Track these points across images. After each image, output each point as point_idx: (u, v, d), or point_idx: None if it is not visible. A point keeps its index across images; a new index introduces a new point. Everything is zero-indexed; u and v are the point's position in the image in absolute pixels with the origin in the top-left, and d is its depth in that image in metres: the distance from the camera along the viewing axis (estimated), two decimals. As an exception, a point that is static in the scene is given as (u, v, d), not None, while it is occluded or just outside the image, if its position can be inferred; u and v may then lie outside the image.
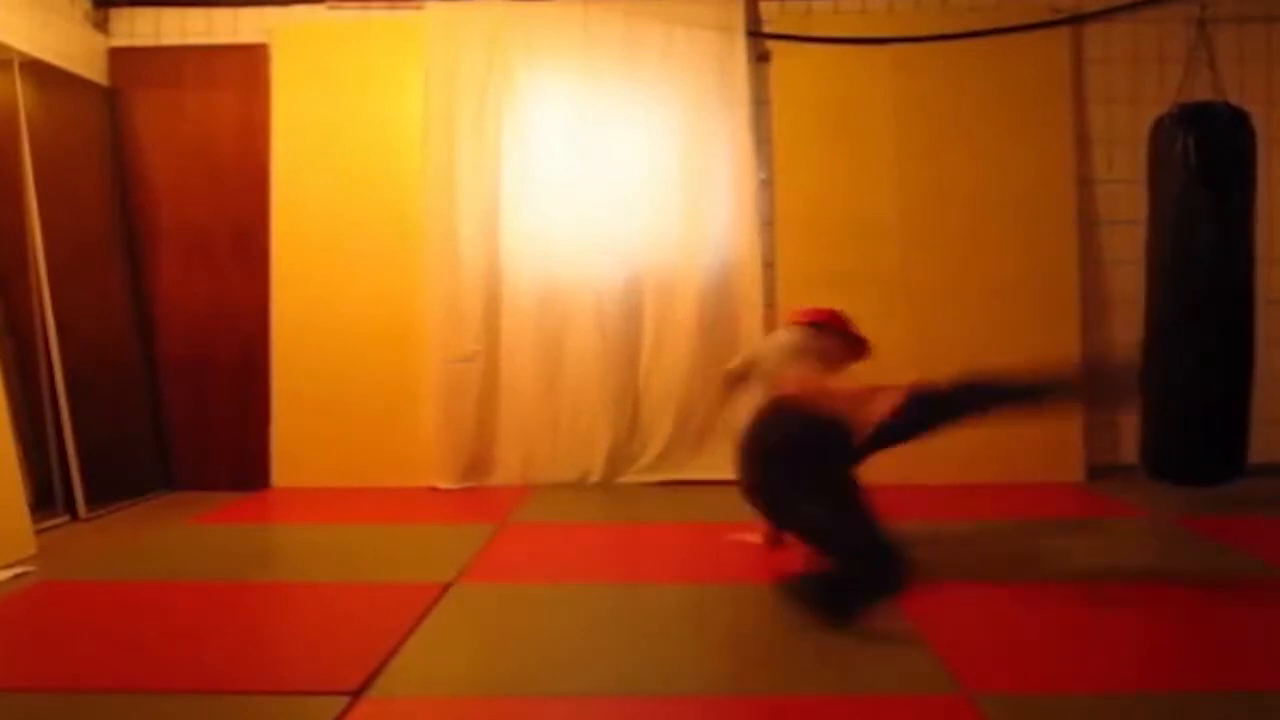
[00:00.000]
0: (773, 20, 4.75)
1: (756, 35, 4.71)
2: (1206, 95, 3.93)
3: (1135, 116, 4.45)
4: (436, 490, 4.57)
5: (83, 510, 4.03)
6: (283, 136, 4.71)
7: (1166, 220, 3.89)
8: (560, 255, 4.64)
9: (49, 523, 3.85)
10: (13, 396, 3.81)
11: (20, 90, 4.03)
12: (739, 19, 4.65)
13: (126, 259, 4.66)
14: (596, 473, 4.65)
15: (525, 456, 4.67)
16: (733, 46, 4.64)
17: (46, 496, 4.04)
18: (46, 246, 4.06)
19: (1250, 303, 3.83)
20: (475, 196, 4.63)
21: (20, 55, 4.05)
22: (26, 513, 3.52)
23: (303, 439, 4.65)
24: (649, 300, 4.69)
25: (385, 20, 4.75)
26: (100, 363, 4.37)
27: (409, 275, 4.65)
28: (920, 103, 4.65)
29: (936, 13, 4.73)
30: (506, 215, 4.64)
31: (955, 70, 4.65)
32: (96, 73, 4.64)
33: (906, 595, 2.61)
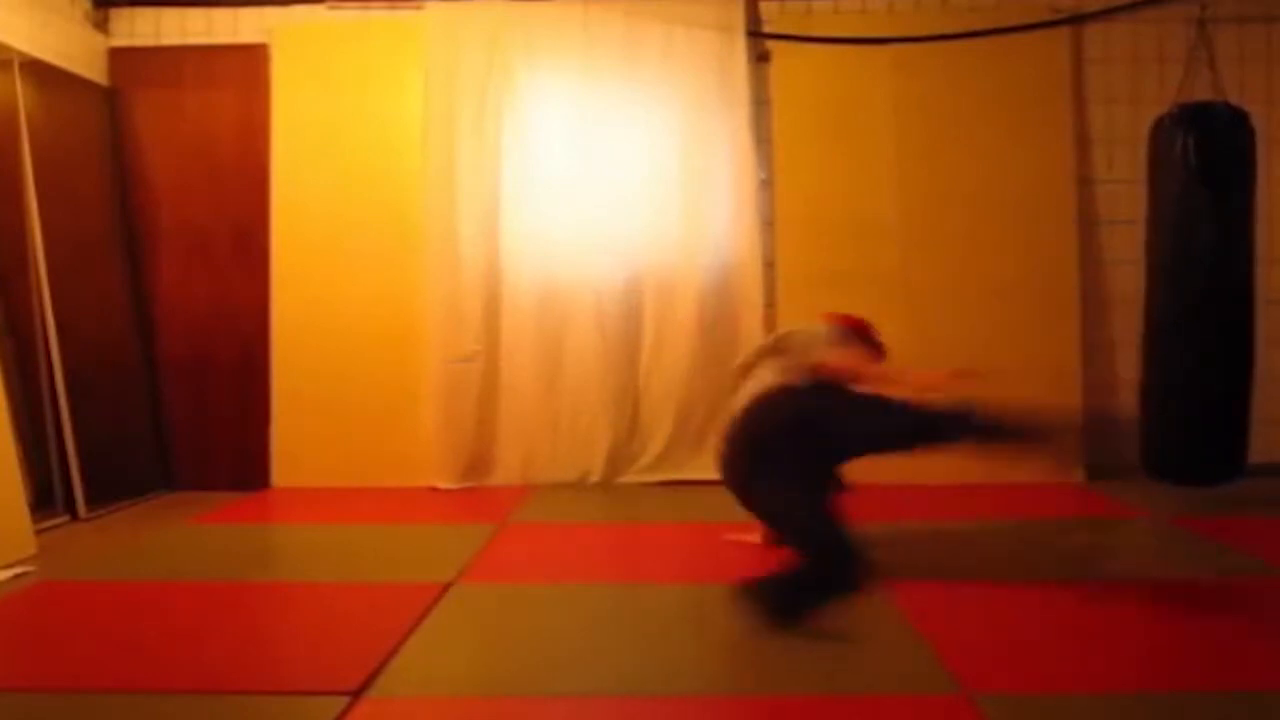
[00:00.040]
0: (773, 20, 4.75)
1: (756, 35, 4.71)
2: (1206, 95, 3.93)
3: (1135, 116, 4.45)
4: (436, 490, 4.57)
5: (83, 510, 4.03)
6: (283, 136, 4.71)
7: (1166, 220, 3.89)
8: (560, 255, 4.65)
9: (49, 523, 3.86)
10: (13, 396, 3.82)
11: (20, 90, 4.03)
12: (739, 19, 4.65)
13: (126, 259, 4.66)
14: (596, 473, 4.65)
15: (525, 456, 4.67)
16: (733, 46, 4.64)
17: (46, 496, 4.04)
18: (46, 246, 4.06)
19: (1250, 303, 3.83)
20: (475, 196, 4.63)
21: (20, 55, 4.05)
22: (26, 513, 3.53)
23: (303, 439, 4.66)
24: (649, 300, 4.69)
25: (385, 20, 4.75)
26: (100, 363, 4.38)
27: (409, 275, 4.66)
28: (920, 103, 4.65)
29: (936, 13, 4.73)
30: (506, 215, 4.64)
31: (955, 70, 4.65)
32: (96, 73, 4.64)
33: (858, 597, 2.61)
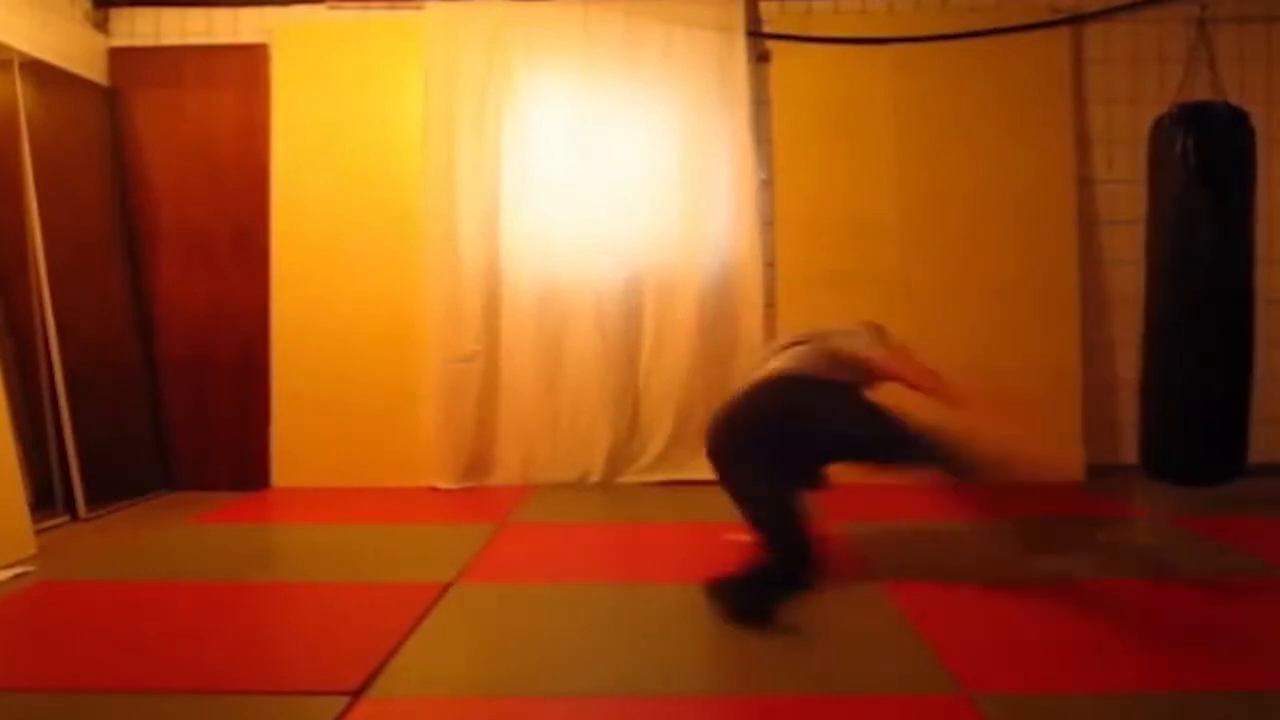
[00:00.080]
0: (773, 20, 4.75)
1: (756, 35, 4.71)
2: (1206, 95, 3.93)
3: (1135, 116, 4.45)
4: (436, 490, 4.57)
5: (83, 510, 4.03)
6: (283, 136, 4.71)
7: (1166, 220, 3.90)
8: (560, 255, 4.64)
9: (49, 523, 3.86)
10: (13, 396, 3.82)
11: (20, 90, 4.03)
12: (739, 19, 4.65)
13: (126, 259, 4.66)
14: (596, 473, 4.65)
15: (525, 456, 4.67)
16: (733, 46, 4.64)
17: (46, 496, 4.04)
18: (46, 246, 4.06)
19: (1250, 303, 3.83)
20: (475, 196, 4.63)
21: (20, 55, 4.05)
22: (26, 513, 3.53)
23: (303, 439, 4.66)
24: (649, 300, 4.69)
25: (385, 20, 4.75)
26: (100, 363, 4.38)
27: (409, 275, 4.66)
28: (920, 103, 4.65)
29: (936, 13, 4.73)
30: (506, 215, 4.64)
31: (955, 70, 4.65)
32: (96, 73, 4.64)
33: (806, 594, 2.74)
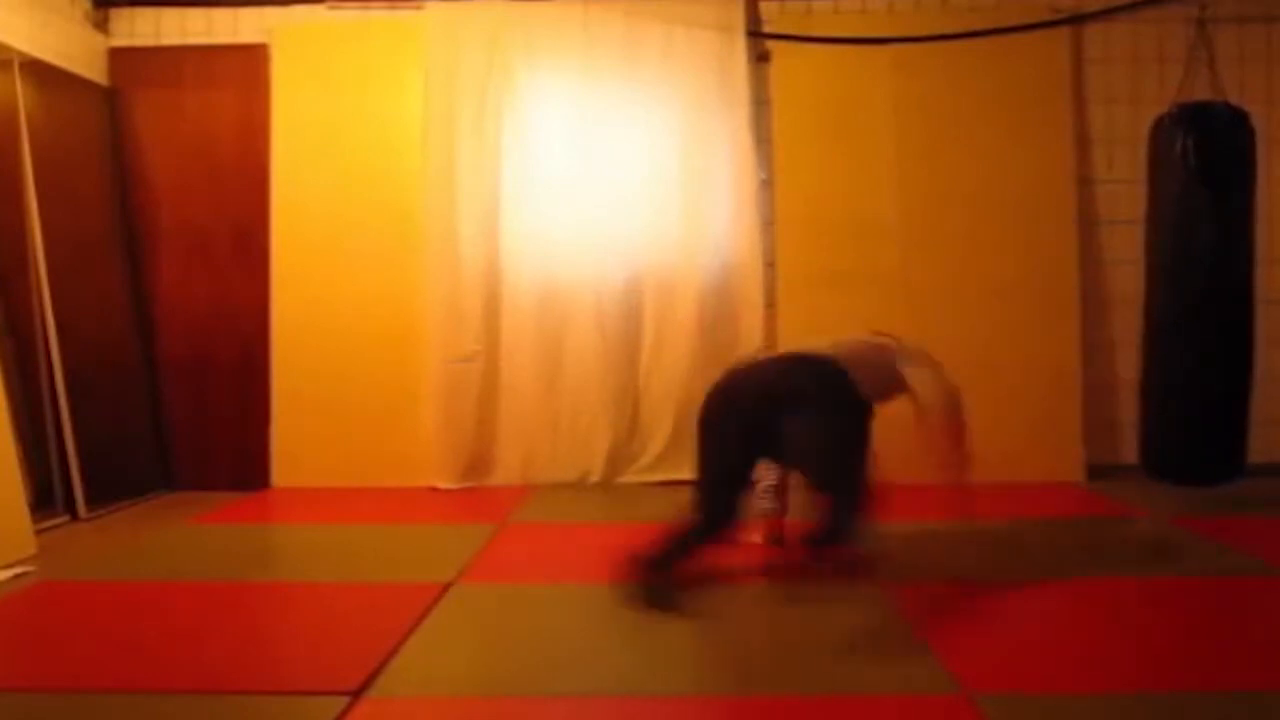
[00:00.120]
0: (773, 20, 4.75)
1: (756, 35, 4.71)
2: (1206, 95, 3.93)
3: (1135, 116, 4.44)
4: (436, 490, 4.57)
5: (83, 510, 4.03)
6: (283, 136, 4.70)
7: (1166, 220, 3.89)
8: (560, 255, 4.64)
9: (49, 523, 3.85)
10: (13, 396, 3.82)
11: (20, 90, 4.03)
12: (739, 19, 4.65)
13: (126, 259, 4.66)
14: (596, 473, 4.65)
15: (525, 456, 4.67)
16: (733, 46, 4.64)
17: (46, 496, 4.04)
18: (46, 246, 4.06)
19: (1250, 303, 3.83)
20: (475, 196, 4.63)
21: (20, 55, 4.05)
22: (26, 513, 3.53)
23: (303, 439, 4.65)
24: (649, 300, 4.69)
25: (385, 20, 4.74)
26: (100, 363, 4.37)
27: (409, 275, 4.65)
28: (920, 103, 4.65)
29: (936, 13, 4.73)
30: (506, 215, 4.64)
31: (955, 70, 4.64)
32: (96, 73, 4.64)
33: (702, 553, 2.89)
